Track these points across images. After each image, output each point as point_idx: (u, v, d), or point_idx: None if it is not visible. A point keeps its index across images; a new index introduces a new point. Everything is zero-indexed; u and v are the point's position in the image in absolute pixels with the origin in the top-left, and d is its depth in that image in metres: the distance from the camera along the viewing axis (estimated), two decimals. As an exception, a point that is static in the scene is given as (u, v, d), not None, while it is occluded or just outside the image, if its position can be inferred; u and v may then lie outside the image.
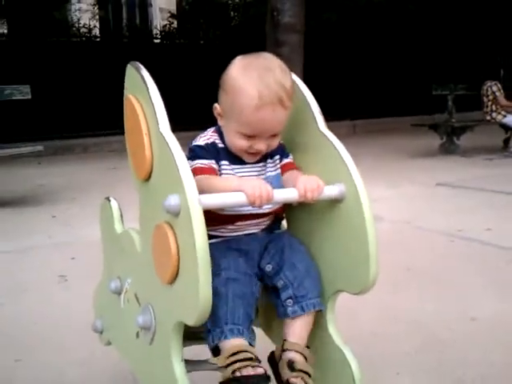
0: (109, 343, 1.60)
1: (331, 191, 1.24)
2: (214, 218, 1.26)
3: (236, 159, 1.35)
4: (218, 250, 1.27)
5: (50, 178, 6.19)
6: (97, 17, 12.27)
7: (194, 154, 1.33)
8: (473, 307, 2.33)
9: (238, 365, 1.15)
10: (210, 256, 1.13)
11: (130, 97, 1.24)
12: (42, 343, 2.11)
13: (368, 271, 1.18)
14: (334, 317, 1.33)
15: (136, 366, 1.40)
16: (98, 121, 9.28)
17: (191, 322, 1.06)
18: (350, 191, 1.22)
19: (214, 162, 1.32)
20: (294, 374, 1.25)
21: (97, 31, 11.09)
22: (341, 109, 10.40)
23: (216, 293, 1.17)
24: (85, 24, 10.50)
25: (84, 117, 9.36)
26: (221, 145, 1.36)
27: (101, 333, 1.63)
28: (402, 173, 5.84)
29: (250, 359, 1.17)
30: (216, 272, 1.19)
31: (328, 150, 1.29)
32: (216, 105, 1.35)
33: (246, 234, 1.36)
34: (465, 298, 2.44)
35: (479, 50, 12.78)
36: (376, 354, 1.91)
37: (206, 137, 1.37)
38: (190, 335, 1.28)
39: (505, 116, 7.16)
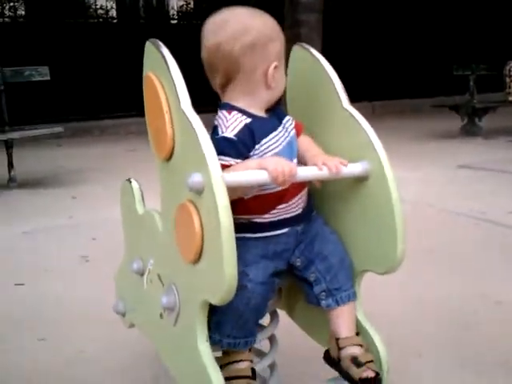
0: (132, 325, 1.59)
1: (354, 168, 1.21)
2: (250, 206, 1.24)
3: (266, 126, 1.26)
4: (253, 253, 1.23)
5: (70, 159, 6.23)
6: (114, -2, 12.21)
7: (217, 150, 1.10)
8: (497, 291, 2.29)
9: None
10: (242, 257, 1.13)
11: (150, 74, 1.21)
12: (65, 323, 2.12)
13: (395, 250, 1.16)
14: (361, 298, 1.31)
15: (160, 347, 1.39)
16: (115, 102, 9.28)
17: (216, 300, 1.05)
18: (375, 168, 1.20)
19: (239, 160, 1.19)
20: (363, 368, 1.22)
21: (114, 12, 11.05)
22: (359, 90, 10.25)
23: (233, 308, 1.17)
24: (102, 5, 10.46)
25: (102, 98, 9.36)
26: (250, 119, 1.24)
27: (123, 315, 1.63)
28: (422, 155, 5.76)
29: (247, 377, 1.23)
30: (242, 283, 1.15)
31: (352, 127, 1.26)
32: (214, 79, 1.27)
33: (286, 219, 1.28)
34: (489, 281, 2.40)
35: (501, 29, 12.50)
36: (398, 335, 1.89)
37: (234, 118, 1.23)
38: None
39: (528, 97, 7.01)
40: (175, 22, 11.29)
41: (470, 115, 7.19)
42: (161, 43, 1.20)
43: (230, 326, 1.22)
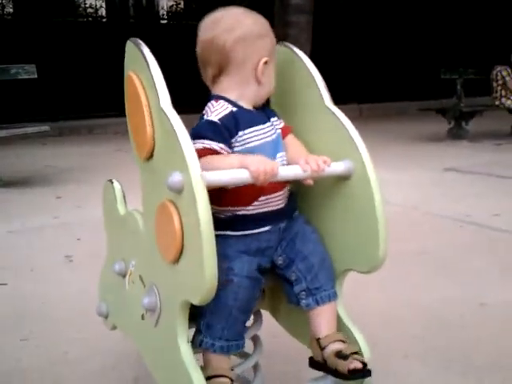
0: (114, 327, 1.58)
1: (337, 167, 1.21)
2: (235, 197, 1.24)
3: (250, 122, 1.28)
4: (235, 249, 1.23)
5: (56, 158, 6.18)
6: (103, -3, 12.16)
7: (201, 133, 1.23)
8: (482, 293, 2.30)
9: None
10: (225, 253, 1.14)
11: (131, 73, 1.21)
12: (49, 323, 2.10)
13: (377, 248, 1.16)
14: (343, 297, 1.31)
15: (142, 348, 1.38)
16: (103, 102, 9.23)
17: (197, 300, 1.04)
18: (357, 167, 1.20)
19: (221, 144, 1.22)
20: (349, 360, 1.21)
21: (103, 11, 11.00)
22: (347, 92, 10.29)
23: (222, 304, 1.18)
24: (91, 4, 10.41)
25: (90, 98, 9.32)
26: (235, 109, 1.27)
27: (106, 317, 1.61)
28: (409, 158, 5.79)
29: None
30: (228, 277, 1.17)
31: (335, 126, 1.26)
32: (208, 72, 1.31)
33: (268, 214, 1.28)
34: (474, 283, 2.42)
35: (489, 34, 12.61)
36: (383, 337, 1.89)
37: (220, 105, 1.27)
38: (195, 316, 1.26)
39: (514, 101, 7.07)
40: (165, 21, 11.26)
41: (456, 119, 7.24)
42: (141, 42, 1.19)
43: (221, 327, 1.21)
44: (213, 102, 1.29)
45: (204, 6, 11.78)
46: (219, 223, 1.04)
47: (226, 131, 1.23)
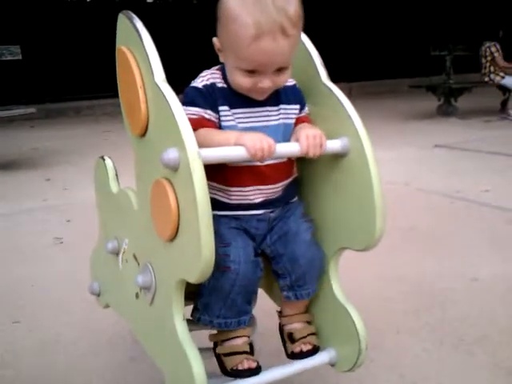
0: (107, 306, 1.57)
1: (334, 145, 1.19)
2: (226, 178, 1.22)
3: (240, 102, 1.21)
4: (228, 229, 1.21)
5: (44, 141, 6.11)
6: (87, -24, 11.93)
7: (187, 98, 1.20)
8: (473, 267, 2.32)
9: (234, 360, 1.22)
10: (219, 233, 1.13)
11: (123, 48, 1.17)
12: (40, 305, 2.09)
13: (374, 226, 1.15)
14: (338, 274, 1.31)
15: (136, 327, 1.37)
16: (90, 83, 9.12)
17: (193, 279, 1.03)
18: (354, 145, 1.18)
19: (209, 111, 1.18)
20: (295, 344, 1.31)
21: (88, -9, 10.80)
22: (337, 71, 10.22)
23: (218, 288, 1.18)
24: (75, -17, 10.20)
25: (76, 79, 9.19)
26: (222, 84, 1.22)
27: (98, 295, 1.61)
28: (399, 135, 5.79)
29: (244, 352, 1.23)
30: (226, 264, 1.16)
31: (331, 103, 1.23)
32: (215, 39, 1.21)
33: (261, 202, 1.25)
34: (465, 258, 2.43)
35: (478, 10, 12.55)
36: (376, 313, 1.90)
37: (206, 77, 1.23)
38: (191, 295, 1.25)
39: (503, 77, 7.06)
40: (151, 0, 11.08)
41: (446, 95, 7.23)
42: (134, 15, 1.15)
43: (218, 307, 1.20)
44: (214, 68, 1.26)
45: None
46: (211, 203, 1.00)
47: (210, 97, 1.19)
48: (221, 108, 1.20)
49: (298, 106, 1.29)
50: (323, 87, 1.26)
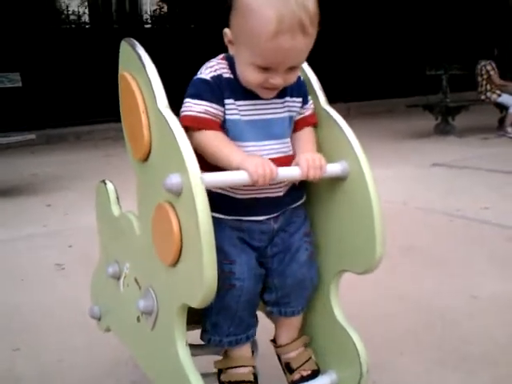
0: (108, 330, 1.57)
1: (333, 169, 1.21)
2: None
3: (245, 94, 1.19)
4: (233, 246, 1.20)
5: (44, 167, 6.13)
6: (86, 3, 12.08)
7: (194, 90, 1.17)
8: (473, 285, 2.32)
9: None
10: (223, 250, 1.15)
11: (125, 74, 1.19)
12: (41, 331, 2.08)
13: (374, 250, 1.16)
14: (338, 297, 1.31)
15: (137, 352, 1.37)
16: (90, 108, 9.18)
17: (195, 303, 1.03)
18: (353, 168, 1.19)
19: (214, 104, 1.16)
20: (294, 373, 1.33)
21: (86, 17, 10.95)
22: (334, 91, 10.29)
23: (226, 307, 1.19)
24: (74, 11, 10.36)
25: (76, 104, 9.25)
26: (228, 75, 1.19)
27: (98, 319, 1.61)
28: (397, 154, 5.82)
29: (249, 382, 1.25)
30: (231, 281, 1.17)
31: (330, 127, 1.26)
32: (226, 30, 1.17)
33: (264, 200, 1.23)
34: (465, 276, 2.43)
35: (473, 30, 12.70)
36: (378, 334, 1.90)
37: (214, 67, 1.20)
38: (192, 319, 1.25)
39: (499, 95, 7.12)
40: (149, 26, 11.22)
41: (443, 114, 7.29)
42: (136, 42, 1.18)
43: (227, 326, 1.21)
44: (219, 57, 1.23)
45: (187, 9, 11.77)
46: (211, 204, 1.00)
47: (218, 90, 1.18)
48: (226, 101, 1.18)
49: (300, 99, 1.27)
50: (323, 112, 1.28)
